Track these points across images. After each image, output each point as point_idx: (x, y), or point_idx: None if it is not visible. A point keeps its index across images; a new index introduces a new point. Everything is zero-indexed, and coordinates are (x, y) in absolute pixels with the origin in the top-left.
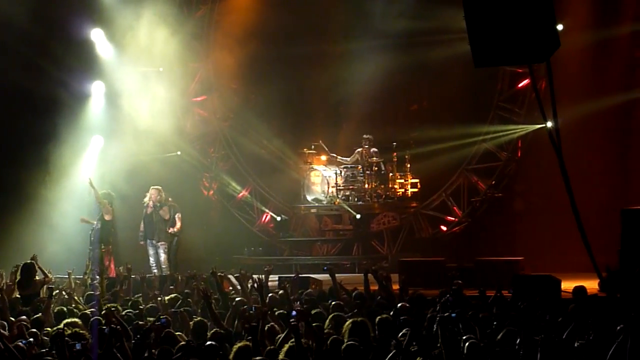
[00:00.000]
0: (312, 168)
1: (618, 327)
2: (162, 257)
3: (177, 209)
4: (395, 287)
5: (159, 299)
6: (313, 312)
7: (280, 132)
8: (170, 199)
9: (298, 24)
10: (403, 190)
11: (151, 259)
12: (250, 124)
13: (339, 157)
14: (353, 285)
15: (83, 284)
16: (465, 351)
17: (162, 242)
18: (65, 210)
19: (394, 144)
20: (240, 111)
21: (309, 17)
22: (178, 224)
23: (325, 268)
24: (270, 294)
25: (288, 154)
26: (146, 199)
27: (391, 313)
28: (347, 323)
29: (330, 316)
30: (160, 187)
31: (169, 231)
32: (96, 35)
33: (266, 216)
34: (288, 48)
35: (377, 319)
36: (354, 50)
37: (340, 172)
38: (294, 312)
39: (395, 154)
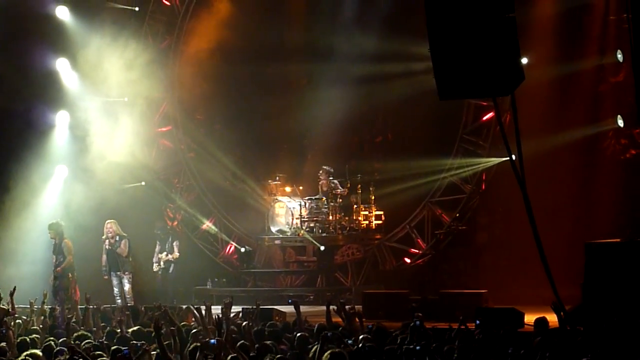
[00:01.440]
0: (277, 199)
1: None
2: (127, 287)
3: (125, 238)
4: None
5: (120, 330)
6: (239, 344)
7: (245, 163)
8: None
9: (263, 51)
10: (367, 222)
11: (115, 290)
12: (214, 155)
13: (301, 188)
14: (316, 317)
15: (42, 313)
16: None
17: (127, 273)
18: (28, 240)
19: (359, 175)
20: (205, 142)
21: (275, 44)
22: (176, 251)
23: (290, 300)
24: (231, 326)
25: (252, 185)
26: (104, 236)
27: (350, 343)
28: (326, 355)
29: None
30: (114, 220)
31: (168, 258)
32: (61, 65)
33: (230, 247)
34: (254, 77)
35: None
36: (319, 80)
37: (305, 203)
38: (212, 341)
39: (359, 185)
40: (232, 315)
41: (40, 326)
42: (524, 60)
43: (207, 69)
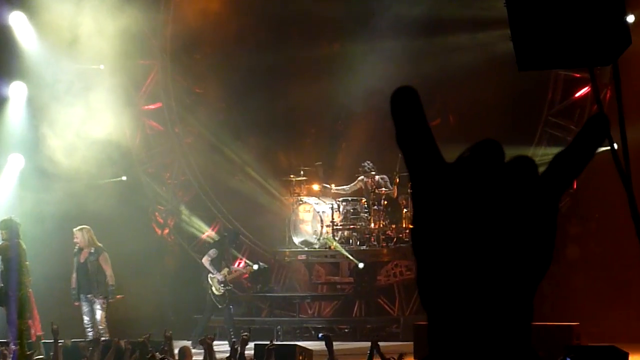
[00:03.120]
0: (301, 201)
1: None
2: (99, 315)
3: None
4: None
5: None
6: None
7: (260, 154)
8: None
9: (282, 20)
10: None
11: (85, 318)
12: (220, 143)
13: (334, 186)
14: (353, 356)
15: None
16: None
17: (101, 297)
18: None
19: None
20: (208, 125)
21: (296, 13)
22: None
23: (320, 335)
24: None
25: (269, 182)
26: (75, 248)
27: None
28: None
29: None
30: (87, 227)
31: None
32: (16, 20)
33: (239, 263)
34: (273, 42)
35: None
36: (355, 52)
37: (338, 206)
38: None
39: (410, 184)
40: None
41: None
42: (630, 19)
43: (211, 28)
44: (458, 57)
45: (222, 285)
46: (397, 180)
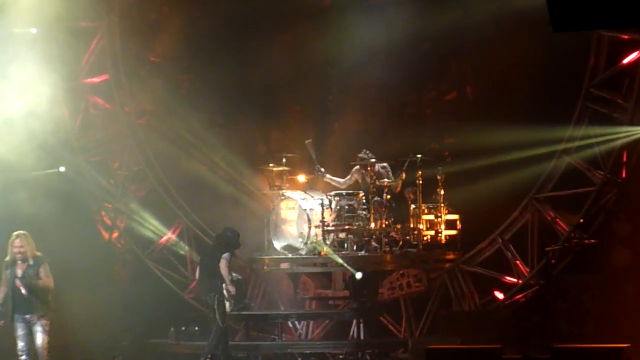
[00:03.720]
0: (284, 196)
1: None
2: (40, 340)
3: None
4: None
5: None
6: None
7: (231, 137)
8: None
9: None
10: (433, 232)
11: (20, 344)
12: (181, 124)
13: (328, 175)
14: None
15: None
16: None
17: (43, 318)
18: None
19: (418, 157)
20: (166, 102)
21: None
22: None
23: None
24: None
25: (243, 173)
26: (7, 257)
27: None
28: None
29: None
30: (25, 233)
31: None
32: None
33: None
34: (244, 4)
35: None
36: (350, 6)
37: (330, 202)
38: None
39: (419, 173)
40: None
41: None
42: None
43: None
44: (477, 15)
45: (232, 301)
46: (404, 172)
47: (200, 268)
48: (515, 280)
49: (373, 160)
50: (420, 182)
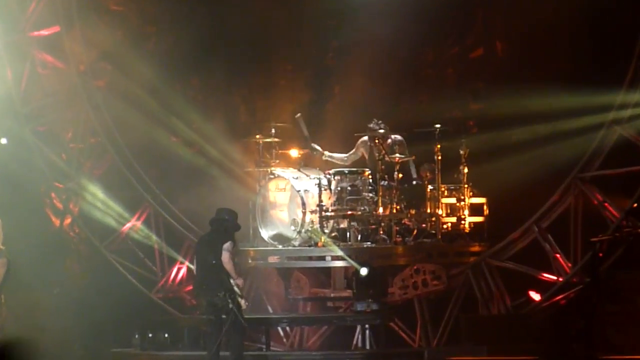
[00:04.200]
0: (273, 175)
1: None
2: None
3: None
4: None
5: None
6: None
7: (208, 103)
8: None
9: None
10: (454, 219)
11: None
12: (148, 87)
13: (327, 153)
14: None
15: None
16: None
17: None
18: None
19: (437, 127)
20: (130, 60)
21: None
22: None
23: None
24: None
25: (224, 147)
26: None
27: None
28: None
29: None
30: None
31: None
32: None
33: (180, 270)
34: None
35: None
36: None
37: (329, 182)
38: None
39: (438, 147)
40: None
41: None
42: None
43: None
44: None
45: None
46: None
47: (197, 264)
48: (554, 277)
49: (382, 131)
50: (439, 157)
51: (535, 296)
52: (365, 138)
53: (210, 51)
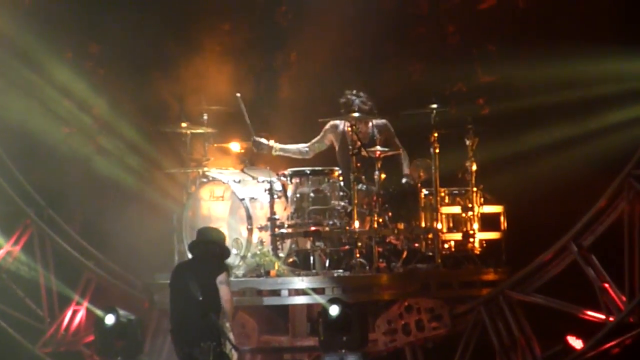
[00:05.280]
0: (206, 177)
1: None
2: None
3: None
4: None
5: None
6: None
7: (115, 81)
8: None
9: None
10: (459, 236)
11: None
12: (35, 60)
13: (275, 143)
14: None
15: None
16: None
17: None
18: None
19: (433, 108)
20: (14, 25)
21: None
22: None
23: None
24: None
25: (138, 143)
26: None
27: None
28: None
29: None
30: None
31: None
32: None
33: (75, 314)
34: None
35: None
36: None
37: (283, 187)
38: None
39: (435, 135)
40: None
41: None
42: None
43: None
44: None
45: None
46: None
47: (174, 302)
48: (602, 317)
49: (362, 107)
50: (437, 150)
51: (576, 343)
52: (337, 122)
53: (112, 5)
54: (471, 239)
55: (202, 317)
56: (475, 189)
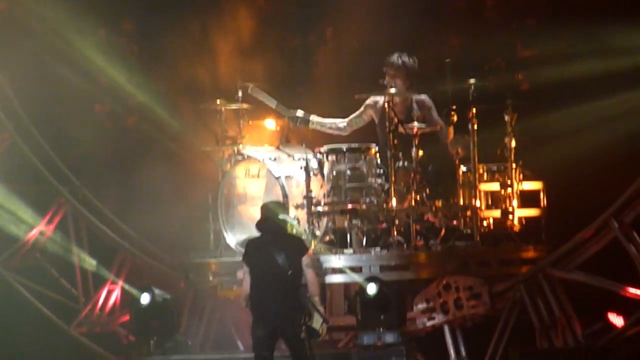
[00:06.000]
0: (241, 155)
1: None
2: None
3: None
4: None
5: None
6: None
7: (148, 55)
8: None
9: None
10: (498, 213)
11: None
12: (63, 33)
13: (313, 118)
14: None
15: None
16: None
17: None
18: None
19: (471, 82)
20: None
21: None
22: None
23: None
24: None
25: (171, 120)
26: None
27: None
28: None
29: None
30: None
31: None
32: None
33: (109, 293)
34: None
35: None
36: None
37: (321, 163)
38: None
39: (474, 111)
40: None
41: None
42: None
43: None
44: None
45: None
46: (454, 113)
47: (257, 279)
48: None
49: (396, 80)
50: (476, 127)
51: (617, 320)
52: (378, 97)
53: None
54: (510, 216)
55: (293, 290)
56: (514, 166)
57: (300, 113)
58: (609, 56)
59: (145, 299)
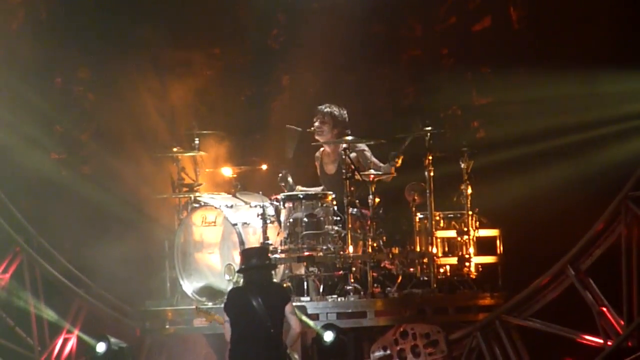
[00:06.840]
0: (198, 202)
1: None
2: None
3: None
4: None
5: None
6: None
7: (104, 102)
8: None
9: None
10: (455, 260)
11: None
12: (19, 75)
13: (300, 188)
14: None
15: None
16: None
17: None
18: None
19: (427, 130)
20: None
21: None
22: None
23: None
24: None
25: (127, 168)
26: None
27: None
28: None
29: None
30: None
31: None
32: None
33: (65, 342)
34: None
35: None
36: None
37: (276, 211)
38: None
39: (430, 159)
40: None
41: None
42: None
43: None
44: None
45: None
46: (399, 158)
47: (238, 331)
48: (601, 341)
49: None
50: (432, 173)
51: None
52: (325, 148)
53: (103, 29)
54: (467, 263)
55: (275, 348)
56: (470, 213)
57: (290, 180)
58: (561, 105)
59: (101, 347)
